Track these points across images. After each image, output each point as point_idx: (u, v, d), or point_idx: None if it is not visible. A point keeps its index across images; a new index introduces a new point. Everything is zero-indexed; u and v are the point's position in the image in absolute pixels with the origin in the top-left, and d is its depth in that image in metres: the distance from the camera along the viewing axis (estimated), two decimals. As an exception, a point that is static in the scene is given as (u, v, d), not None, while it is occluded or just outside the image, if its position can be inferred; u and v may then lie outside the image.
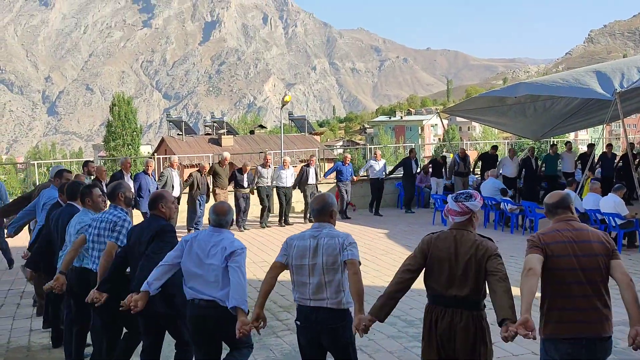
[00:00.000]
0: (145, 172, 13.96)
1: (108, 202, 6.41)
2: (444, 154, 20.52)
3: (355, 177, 18.35)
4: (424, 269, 4.39)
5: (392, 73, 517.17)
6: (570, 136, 42.39)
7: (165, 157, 21.06)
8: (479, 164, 19.42)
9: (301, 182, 16.80)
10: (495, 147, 20.14)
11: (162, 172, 14.64)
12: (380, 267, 10.96)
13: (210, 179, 15.71)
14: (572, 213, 4.32)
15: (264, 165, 16.38)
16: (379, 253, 12.30)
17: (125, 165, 13.59)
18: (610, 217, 11.99)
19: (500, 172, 18.15)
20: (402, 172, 18.70)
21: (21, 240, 11.23)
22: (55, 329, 7.25)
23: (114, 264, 5.62)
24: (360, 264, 4.57)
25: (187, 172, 20.56)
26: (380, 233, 14.91)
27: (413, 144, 28.33)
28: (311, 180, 16.84)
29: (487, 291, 4.22)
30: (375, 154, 18.90)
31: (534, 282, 4.00)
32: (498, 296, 4.06)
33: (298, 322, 4.69)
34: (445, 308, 4.26)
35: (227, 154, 16.21)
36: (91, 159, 13.77)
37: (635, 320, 3.90)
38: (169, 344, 5.69)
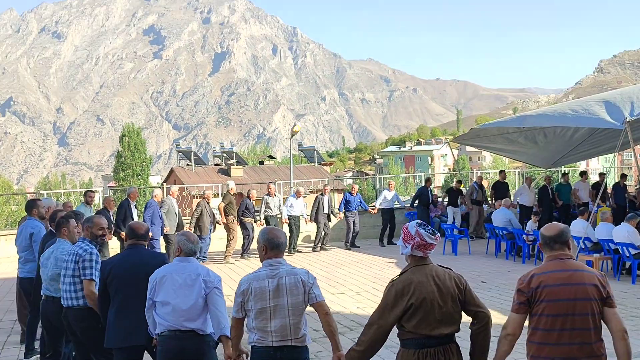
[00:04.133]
0: (154, 200, 14.00)
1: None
2: (460, 179, 20.41)
3: (373, 211, 18.42)
4: (402, 316, 4.09)
5: (402, 103, 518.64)
6: (582, 165, 42.21)
7: (186, 187, 21.10)
8: (493, 192, 19.30)
9: (317, 211, 16.92)
10: (502, 172, 20.14)
11: (163, 200, 14.58)
12: (390, 297, 10.84)
13: (221, 207, 15.70)
14: (569, 249, 4.14)
15: (270, 195, 16.41)
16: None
17: (133, 195, 13.59)
18: (624, 247, 11.83)
19: (518, 200, 18.16)
20: (418, 201, 18.69)
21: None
22: None
23: (103, 302, 5.48)
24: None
25: (195, 202, 20.52)
26: (389, 262, 14.79)
27: (428, 174, 28.24)
28: (325, 209, 16.99)
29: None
30: (389, 183, 19.03)
31: (511, 347, 4.02)
32: (481, 339, 4.14)
33: None
34: (437, 347, 4.06)
35: (232, 186, 16.23)
36: (92, 189, 13.81)
37: None
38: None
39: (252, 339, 4.52)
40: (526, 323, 4.05)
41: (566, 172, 22.10)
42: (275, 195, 16.53)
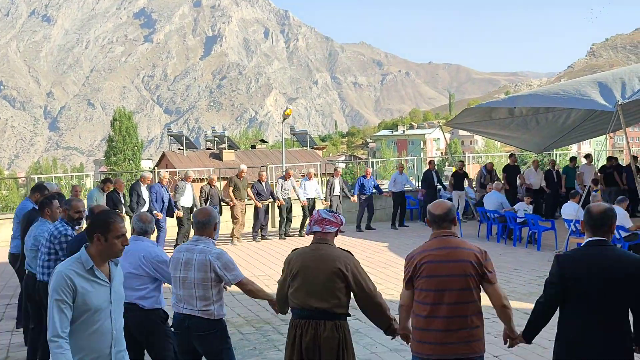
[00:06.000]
0: (160, 183, 14.47)
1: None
2: (461, 159, 20.58)
3: (386, 194, 18.64)
4: (288, 281, 4.58)
5: (394, 87, 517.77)
6: (573, 148, 42.23)
7: (177, 171, 21.38)
8: (505, 176, 19.30)
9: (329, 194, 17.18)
10: (512, 155, 20.14)
11: (176, 184, 15.20)
12: (383, 279, 10.95)
13: (230, 191, 15.89)
14: (455, 225, 4.36)
15: (285, 178, 16.70)
16: (381, 266, 12.24)
17: (144, 179, 14.17)
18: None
19: (526, 184, 18.39)
20: (425, 184, 18.92)
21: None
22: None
23: None
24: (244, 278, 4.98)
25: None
26: (381, 247, 14.83)
27: (421, 157, 28.29)
28: (337, 191, 17.17)
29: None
30: (399, 166, 19.26)
31: (408, 314, 4.35)
32: (374, 313, 4.57)
33: (172, 329, 5.03)
34: (309, 320, 4.39)
35: (243, 167, 16.57)
36: (110, 179, 14.29)
37: (510, 330, 4.30)
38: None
39: (171, 302, 5.02)
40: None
41: (574, 157, 22.13)
42: (290, 178, 16.78)
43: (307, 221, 16.64)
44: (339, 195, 17.26)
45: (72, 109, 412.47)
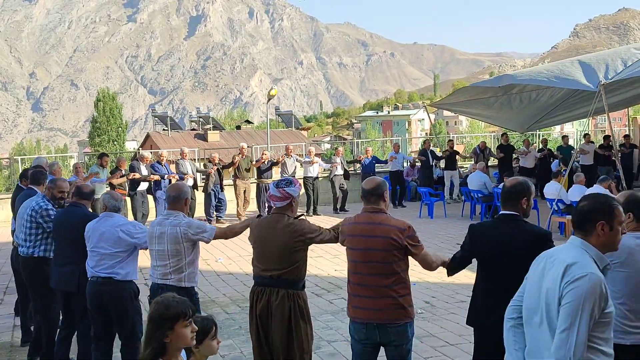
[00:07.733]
0: (159, 162, 14.85)
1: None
2: (451, 139, 20.68)
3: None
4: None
5: (379, 68, 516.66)
6: (556, 129, 42.48)
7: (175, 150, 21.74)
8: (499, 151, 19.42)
9: (330, 173, 17.34)
10: (504, 135, 20.23)
11: (177, 162, 15.57)
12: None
13: (231, 171, 16.11)
14: (385, 201, 4.50)
15: (288, 155, 16.76)
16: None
17: (144, 159, 14.52)
18: (596, 209, 11.98)
19: (520, 163, 18.48)
20: (420, 163, 19.07)
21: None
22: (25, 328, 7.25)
23: None
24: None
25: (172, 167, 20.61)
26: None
27: (405, 138, 28.35)
28: (339, 171, 17.24)
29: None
30: (395, 145, 19.41)
31: None
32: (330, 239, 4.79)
33: (149, 298, 5.25)
34: (263, 287, 4.63)
35: (244, 144, 16.75)
36: (106, 153, 14.59)
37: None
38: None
39: (150, 272, 5.33)
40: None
41: (566, 135, 22.22)
42: (291, 155, 16.84)
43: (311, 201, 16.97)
44: (342, 175, 17.35)
45: (55, 89, 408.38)
